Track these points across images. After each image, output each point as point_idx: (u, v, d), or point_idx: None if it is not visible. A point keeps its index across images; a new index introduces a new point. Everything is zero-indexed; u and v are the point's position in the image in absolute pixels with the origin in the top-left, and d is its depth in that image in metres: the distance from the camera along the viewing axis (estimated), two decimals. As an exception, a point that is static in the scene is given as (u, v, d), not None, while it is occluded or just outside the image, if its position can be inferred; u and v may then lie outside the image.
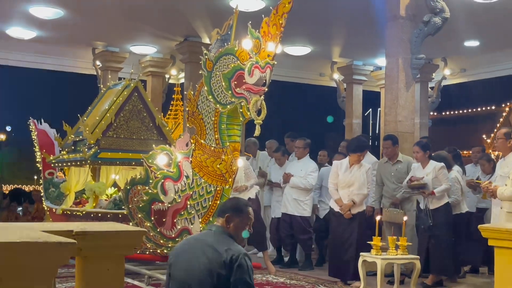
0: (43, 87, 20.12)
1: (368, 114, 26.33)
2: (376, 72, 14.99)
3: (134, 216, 6.17)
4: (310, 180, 8.19)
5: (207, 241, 3.53)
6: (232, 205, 3.75)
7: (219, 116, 5.62)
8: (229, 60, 5.47)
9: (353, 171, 7.15)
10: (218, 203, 5.68)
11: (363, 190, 7.12)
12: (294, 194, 8.16)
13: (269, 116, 5.46)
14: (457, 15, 9.44)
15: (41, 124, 9.84)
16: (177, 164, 5.88)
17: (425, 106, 14.29)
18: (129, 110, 7.53)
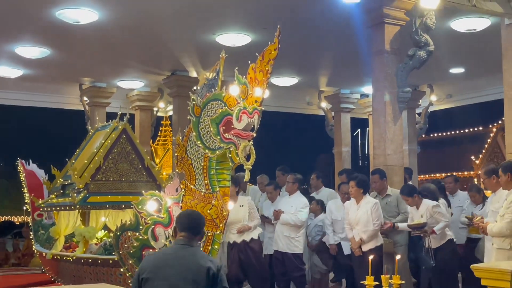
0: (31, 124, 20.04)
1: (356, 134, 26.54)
2: (363, 100, 15.09)
3: (125, 262, 6.11)
4: (301, 216, 8.16)
5: (184, 255, 3.89)
6: (191, 220, 4.09)
7: (208, 161, 5.61)
8: (217, 105, 5.47)
9: (359, 208, 7.21)
10: (209, 249, 5.65)
11: (368, 227, 7.13)
12: (285, 231, 8.13)
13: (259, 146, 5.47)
14: (442, 44, 9.55)
15: (29, 165, 9.79)
16: (167, 209, 5.85)
17: (413, 133, 14.37)
18: (117, 152, 7.52)
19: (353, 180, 7.31)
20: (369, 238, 7.15)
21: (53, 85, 14.10)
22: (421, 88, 14.37)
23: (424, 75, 12.01)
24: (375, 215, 7.16)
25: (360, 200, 7.24)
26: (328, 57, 11.74)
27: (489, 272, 4.96)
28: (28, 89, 14.12)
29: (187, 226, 4.03)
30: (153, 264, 3.91)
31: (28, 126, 20.74)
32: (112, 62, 12.12)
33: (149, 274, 3.85)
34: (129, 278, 6.10)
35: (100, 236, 7.67)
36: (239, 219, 7.52)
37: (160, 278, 3.80)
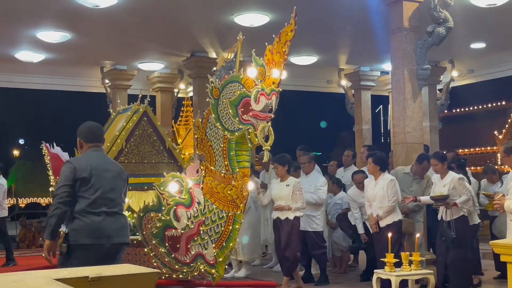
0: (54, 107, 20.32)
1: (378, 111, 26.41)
2: (384, 77, 15.00)
3: (149, 242, 6.26)
4: (321, 194, 8.22)
5: (110, 160, 4.96)
6: (100, 130, 4.94)
7: (228, 142, 5.69)
8: (235, 87, 5.53)
9: (377, 185, 7.25)
10: (230, 229, 5.75)
11: (384, 203, 7.17)
12: (306, 210, 8.18)
13: (279, 126, 5.53)
14: (462, 20, 9.46)
15: (53, 148, 9.93)
16: (188, 190, 5.96)
17: (434, 109, 14.28)
18: (139, 135, 7.62)
19: (371, 157, 7.34)
20: (385, 214, 7.18)
21: (75, 68, 14.25)
22: (442, 64, 14.24)
23: (445, 51, 11.91)
24: (391, 191, 7.17)
25: (377, 176, 7.27)
26: (347, 35, 11.67)
27: (509, 248, 4.98)
28: (50, 73, 14.29)
29: (99, 137, 4.84)
30: (92, 166, 4.60)
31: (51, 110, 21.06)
32: (132, 45, 12.20)
33: (89, 175, 4.55)
34: (153, 257, 6.25)
35: (124, 217, 7.80)
36: (281, 196, 7.58)
37: (101, 179, 4.60)
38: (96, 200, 4.53)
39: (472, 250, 7.32)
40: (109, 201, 4.59)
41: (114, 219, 4.59)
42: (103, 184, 4.58)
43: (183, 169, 7.50)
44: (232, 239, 5.78)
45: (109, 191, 4.61)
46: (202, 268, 5.95)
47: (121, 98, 13.49)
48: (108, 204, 4.58)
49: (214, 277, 5.92)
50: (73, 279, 3.29)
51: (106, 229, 4.53)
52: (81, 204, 4.50)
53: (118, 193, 4.69)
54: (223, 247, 5.82)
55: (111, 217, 4.57)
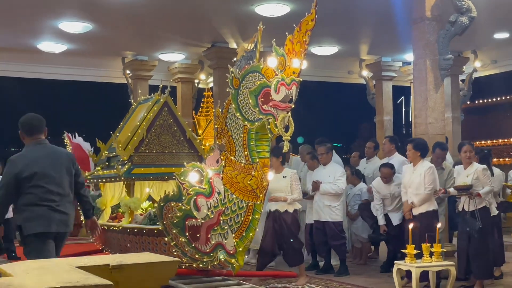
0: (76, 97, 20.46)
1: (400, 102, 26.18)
2: (405, 68, 14.88)
3: (169, 232, 6.29)
4: (340, 184, 8.19)
5: (53, 150, 5.18)
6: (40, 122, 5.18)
7: (248, 132, 5.68)
8: (255, 77, 5.52)
9: (414, 171, 7.19)
10: (250, 219, 5.76)
11: (419, 190, 7.11)
12: (326, 201, 8.17)
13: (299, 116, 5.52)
14: (486, 9, 9.34)
15: (75, 138, 10.03)
16: (208, 180, 5.97)
17: (456, 100, 14.14)
18: (160, 125, 7.65)
19: (411, 143, 7.27)
20: (420, 202, 7.10)
21: (96, 59, 14.35)
22: (464, 54, 14.08)
23: (467, 41, 11.77)
24: (428, 179, 7.07)
25: (417, 163, 7.20)
26: (368, 24, 11.59)
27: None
28: (72, 63, 14.41)
29: (40, 129, 5.10)
30: (35, 162, 4.92)
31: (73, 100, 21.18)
32: (153, 35, 12.24)
33: (31, 173, 4.86)
34: (173, 247, 6.28)
35: (144, 206, 7.87)
36: (280, 189, 7.57)
37: (45, 173, 4.92)
38: (41, 193, 4.89)
39: (494, 242, 7.26)
40: (53, 194, 4.94)
41: (59, 210, 4.98)
42: (47, 178, 4.94)
43: (203, 159, 7.52)
44: (251, 229, 5.79)
45: (53, 183, 4.95)
46: (222, 257, 5.97)
47: (142, 88, 13.56)
48: (52, 197, 4.93)
49: (234, 266, 5.93)
50: (94, 267, 3.32)
51: (53, 219, 4.93)
52: (28, 199, 4.90)
53: (63, 184, 5.03)
54: (243, 237, 5.83)
55: (56, 208, 4.95)
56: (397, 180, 8.05)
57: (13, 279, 2.72)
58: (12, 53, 13.39)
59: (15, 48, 13.06)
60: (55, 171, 5.00)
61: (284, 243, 7.54)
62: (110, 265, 3.30)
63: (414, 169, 7.22)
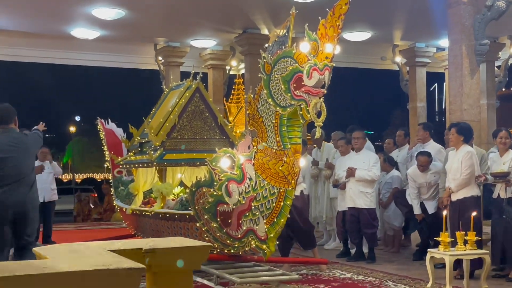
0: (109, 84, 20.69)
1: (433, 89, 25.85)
2: (440, 53, 14.65)
3: (201, 217, 6.31)
4: (376, 171, 8.15)
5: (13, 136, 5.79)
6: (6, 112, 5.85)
7: (280, 118, 5.64)
8: (287, 62, 5.47)
9: (455, 156, 7.08)
10: (281, 205, 5.74)
11: (457, 175, 7.00)
12: (360, 187, 8.14)
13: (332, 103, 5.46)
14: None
15: (108, 124, 10.13)
16: (240, 166, 5.96)
17: (492, 87, 13.88)
18: (191, 111, 7.65)
19: (454, 128, 7.14)
20: (457, 188, 6.97)
21: (129, 45, 14.45)
22: (500, 40, 13.78)
23: (503, 26, 11.52)
24: (465, 163, 6.91)
25: (459, 147, 7.07)
26: (402, 9, 11.42)
27: None
28: (105, 50, 14.53)
29: (7, 120, 5.75)
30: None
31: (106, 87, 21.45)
32: (184, 22, 12.26)
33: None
34: (205, 232, 6.31)
35: (176, 192, 7.91)
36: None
37: (5, 159, 5.60)
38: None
39: None
40: (10, 178, 5.63)
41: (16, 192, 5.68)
42: (6, 164, 5.66)
43: (235, 145, 7.52)
44: (283, 215, 5.76)
45: (12, 168, 5.65)
46: (253, 243, 5.97)
47: (174, 75, 13.61)
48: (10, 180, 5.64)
49: (265, 252, 5.92)
50: (127, 250, 3.35)
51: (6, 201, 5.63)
52: None
53: (22, 168, 5.71)
54: (274, 223, 5.81)
55: (13, 190, 5.65)
56: (433, 168, 7.95)
57: (48, 262, 2.76)
58: (46, 39, 13.56)
59: (48, 35, 13.22)
60: (14, 157, 5.67)
61: (295, 226, 7.53)
62: (143, 249, 3.33)
63: (456, 153, 7.10)
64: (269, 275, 6.17)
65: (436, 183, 7.97)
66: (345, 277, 7.06)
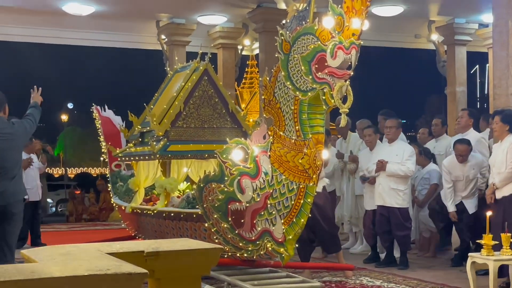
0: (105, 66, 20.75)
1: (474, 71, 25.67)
2: (482, 30, 14.52)
3: (210, 217, 6.33)
4: (410, 165, 8.10)
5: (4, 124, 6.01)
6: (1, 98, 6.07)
7: (299, 104, 5.63)
8: (308, 40, 5.45)
9: (499, 147, 7.01)
10: (301, 203, 5.73)
11: (501, 169, 6.93)
12: (391, 183, 8.10)
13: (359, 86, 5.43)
14: None
15: (105, 111, 10.18)
16: (254, 159, 5.96)
17: (543, 68, 13.74)
18: (199, 96, 7.67)
19: (498, 115, 7.09)
20: (502, 183, 6.90)
21: (128, 22, 14.45)
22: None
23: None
24: (511, 155, 6.90)
25: (503, 138, 7.01)
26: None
27: None
28: (100, 27, 14.56)
29: None
30: None
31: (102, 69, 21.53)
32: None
33: None
34: (214, 233, 6.33)
35: (182, 188, 7.94)
36: None
37: None
38: None
39: None
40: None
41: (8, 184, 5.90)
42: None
43: (248, 135, 7.52)
44: (303, 214, 5.76)
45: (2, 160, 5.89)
46: (270, 246, 5.97)
47: (178, 55, 13.59)
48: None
49: (283, 256, 5.92)
50: (127, 253, 3.35)
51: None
52: None
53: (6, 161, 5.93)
54: (293, 223, 5.81)
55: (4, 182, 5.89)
56: (473, 160, 7.90)
57: (37, 266, 2.77)
58: (34, 16, 13.59)
59: (37, 10, 13.25)
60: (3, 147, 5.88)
61: (317, 227, 7.51)
62: (145, 251, 3.33)
63: (500, 145, 7.05)
64: (287, 283, 6.18)
65: (475, 178, 7.93)
66: (373, 285, 7.06)
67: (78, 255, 3.13)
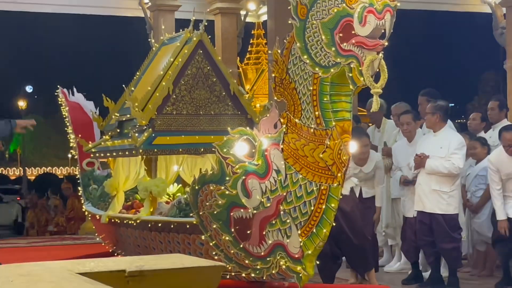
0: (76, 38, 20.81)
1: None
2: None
3: (207, 227, 6.35)
4: (456, 161, 8.07)
5: None
6: None
7: (320, 84, 5.64)
8: (330, 2, 5.46)
9: None
10: (323, 208, 5.74)
11: None
12: (433, 184, 8.08)
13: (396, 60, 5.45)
14: None
15: (74, 96, 10.22)
16: (262, 153, 5.98)
17: None
18: (192, 75, 7.68)
19: None
20: None
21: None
22: None
23: None
24: None
25: None
26: None
27: None
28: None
29: None
30: None
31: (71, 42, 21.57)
32: None
33: None
34: (213, 248, 6.35)
35: (172, 191, 7.96)
36: None
37: None
38: None
39: None
40: None
41: None
42: None
43: (255, 123, 7.53)
44: (325, 223, 5.77)
45: None
46: (283, 264, 5.99)
47: (166, 24, 13.60)
48: None
49: (300, 277, 5.94)
50: (103, 273, 3.37)
51: None
52: None
53: None
54: (312, 235, 5.82)
55: None
56: None
57: (-9, 289, 2.78)
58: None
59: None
60: None
61: (344, 239, 7.52)
62: (127, 271, 3.35)
63: None
64: (306, 310, 6.20)
65: None
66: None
67: (42, 276, 3.14)
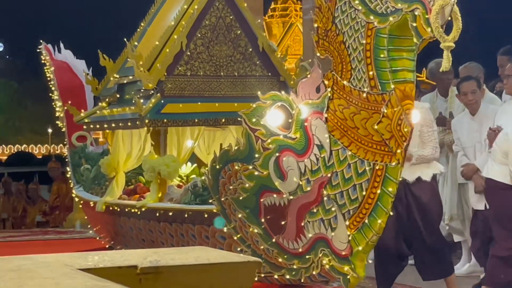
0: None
1: None
2: None
3: (231, 217, 6.38)
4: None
5: None
6: None
7: (375, 36, 5.64)
8: None
9: None
10: (378, 194, 5.74)
11: None
12: (511, 167, 8.10)
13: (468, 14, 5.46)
14: None
15: (60, 53, 10.26)
16: (301, 124, 5.99)
17: None
18: (211, 26, 7.71)
19: None
20: None
21: None
22: None
23: None
24: None
25: None
26: None
27: None
28: None
29: None
30: None
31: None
32: None
33: None
34: (238, 243, 6.37)
35: (185, 172, 8.00)
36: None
37: None
38: None
39: None
40: None
41: None
42: None
43: (290, 87, 7.55)
44: (380, 213, 5.76)
45: None
46: (326, 263, 6.01)
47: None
48: None
49: (348, 279, 5.95)
50: (110, 269, 3.40)
51: None
52: None
53: None
54: (364, 226, 5.82)
55: None
56: None
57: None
58: None
59: None
60: None
61: (414, 234, 7.52)
62: (139, 267, 3.37)
63: None
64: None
65: None
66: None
67: (36, 271, 3.16)
